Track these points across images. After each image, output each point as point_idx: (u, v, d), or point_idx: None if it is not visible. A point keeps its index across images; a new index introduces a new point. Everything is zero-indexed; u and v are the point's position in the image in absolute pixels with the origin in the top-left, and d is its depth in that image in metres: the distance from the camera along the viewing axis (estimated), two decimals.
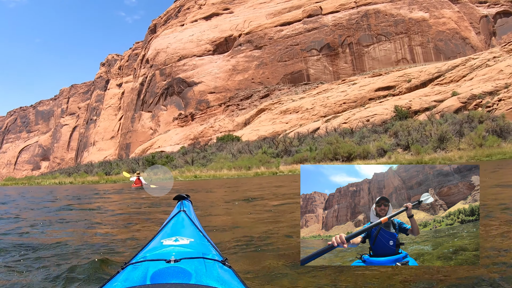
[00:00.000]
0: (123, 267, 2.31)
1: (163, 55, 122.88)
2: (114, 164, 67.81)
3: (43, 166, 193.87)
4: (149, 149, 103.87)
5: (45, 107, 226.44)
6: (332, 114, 70.50)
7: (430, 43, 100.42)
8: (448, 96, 58.77)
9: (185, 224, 3.35)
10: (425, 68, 74.08)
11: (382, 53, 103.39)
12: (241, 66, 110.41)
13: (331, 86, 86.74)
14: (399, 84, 71.70)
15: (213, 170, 43.17)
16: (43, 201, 19.45)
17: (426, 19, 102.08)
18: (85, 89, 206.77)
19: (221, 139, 67.41)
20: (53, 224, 9.75)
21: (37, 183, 58.63)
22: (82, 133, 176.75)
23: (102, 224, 9.59)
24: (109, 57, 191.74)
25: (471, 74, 64.64)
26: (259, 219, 9.04)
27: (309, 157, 42.28)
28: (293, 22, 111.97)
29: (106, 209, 13.69)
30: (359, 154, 41.19)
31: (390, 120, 57.82)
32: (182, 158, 59.86)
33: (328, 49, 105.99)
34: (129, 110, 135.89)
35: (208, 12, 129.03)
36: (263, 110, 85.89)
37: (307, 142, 51.43)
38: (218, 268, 2.28)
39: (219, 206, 12.93)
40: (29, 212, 13.44)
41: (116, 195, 22.29)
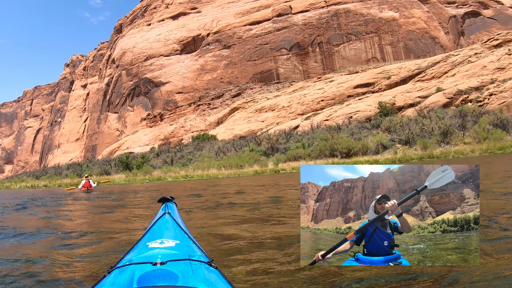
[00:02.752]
0: (109, 271, 2.25)
1: (130, 55, 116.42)
2: (85, 166, 61.94)
3: (6, 170, 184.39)
4: (117, 150, 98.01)
5: (8, 109, 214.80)
6: (310, 112, 66.41)
7: (400, 42, 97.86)
8: (433, 92, 56.74)
9: (171, 226, 3.24)
10: (404, 65, 70.79)
11: (352, 52, 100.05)
12: (209, 66, 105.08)
13: (307, 84, 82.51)
14: (379, 81, 68.19)
15: (200, 169, 37.51)
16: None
17: (396, 19, 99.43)
18: (49, 90, 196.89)
19: (197, 138, 61.80)
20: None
21: (6, 186, 51.67)
22: (47, 136, 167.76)
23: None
24: (73, 58, 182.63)
25: (453, 70, 62.68)
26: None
27: (303, 154, 37.24)
28: (262, 21, 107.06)
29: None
30: (358, 150, 36.29)
31: (374, 116, 54.92)
32: (157, 158, 55.16)
33: (298, 48, 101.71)
34: (94, 111, 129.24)
35: (176, 12, 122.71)
36: (237, 109, 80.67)
37: (294, 139, 46.64)
38: (204, 269, 2.22)
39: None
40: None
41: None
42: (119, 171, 50.99)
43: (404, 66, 69.51)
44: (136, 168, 47.72)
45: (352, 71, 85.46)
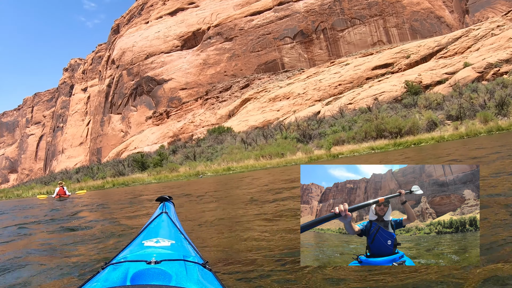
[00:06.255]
0: (103, 267, 2.23)
1: (129, 54, 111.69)
2: (95, 168, 57.44)
3: (11, 179, 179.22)
4: (124, 151, 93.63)
5: (9, 118, 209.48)
6: (328, 97, 61.95)
7: (405, 24, 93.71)
8: (460, 68, 52.53)
9: (167, 226, 3.16)
10: (423, 42, 66.48)
11: (357, 36, 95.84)
12: (212, 60, 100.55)
13: (320, 69, 77.96)
14: (397, 61, 63.79)
15: (235, 161, 32.85)
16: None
17: (400, 0, 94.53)
18: (49, 96, 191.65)
19: (213, 131, 57.26)
20: None
21: (17, 195, 47.50)
22: (50, 142, 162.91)
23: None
24: (72, 62, 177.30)
25: (476, 44, 58.35)
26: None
27: (346, 137, 32.59)
28: (263, 11, 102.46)
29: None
30: (408, 129, 31.79)
31: (401, 96, 50.77)
32: (173, 155, 50.82)
33: (301, 36, 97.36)
34: (97, 113, 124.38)
35: (173, 8, 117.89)
36: (248, 100, 76.13)
37: (326, 124, 42.18)
38: (198, 271, 2.20)
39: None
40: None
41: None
42: (134, 171, 47.01)
43: (423, 43, 65.21)
44: (153, 167, 43.44)
45: (366, 53, 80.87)
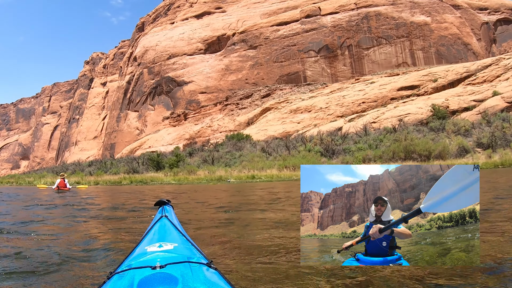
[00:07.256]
0: (108, 277, 2.22)
1: (152, 53, 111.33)
2: (108, 163, 56.62)
3: (22, 165, 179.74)
4: (138, 149, 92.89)
5: (26, 105, 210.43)
6: (350, 114, 60.93)
7: (432, 48, 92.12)
8: (488, 96, 51.46)
9: (168, 230, 3.16)
10: (451, 67, 65.15)
11: (382, 56, 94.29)
12: (234, 66, 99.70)
13: (345, 85, 76.95)
14: (424, 84, 62.55)
15: (257, 170, 31.89)
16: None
17: (428, 23, 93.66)
18: (67, 87, 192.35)
19: (232, 137, 56.40)
20: None
21: (28, 182, 46.47)
22: (64, 133, 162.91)
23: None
24: (93, 55, 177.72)
25: (506, 74, 57.11)
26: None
27: (373, 156, 31.48)
28: (290, 22, 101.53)
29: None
30: (438, 154, 30.66)
31: (426, 119, 49.67)
32: (190, 157, 50.07)
33: (326, 50, 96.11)
34: (114, 109, 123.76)
35: (200, 11, 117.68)
36: (269, 109, 75.27)
37: (351, 140, 41.13)
38: (204, 271, 2.19)
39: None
40: None
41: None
42: (149, 170, 46.21)
43: (451, 68, 64.05)
44: (169, 167, 42.60)
45: (392, 73, 79.73)
